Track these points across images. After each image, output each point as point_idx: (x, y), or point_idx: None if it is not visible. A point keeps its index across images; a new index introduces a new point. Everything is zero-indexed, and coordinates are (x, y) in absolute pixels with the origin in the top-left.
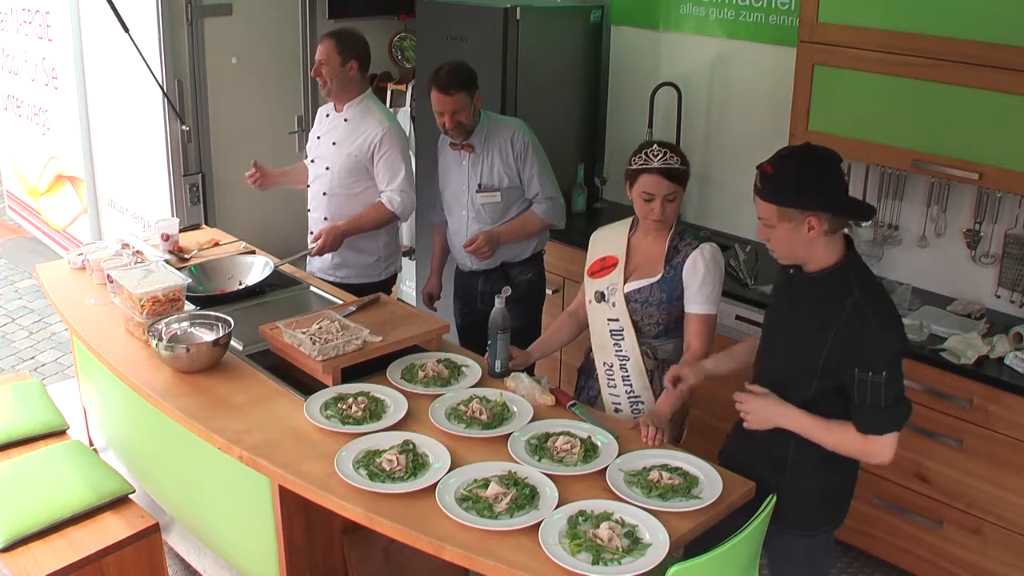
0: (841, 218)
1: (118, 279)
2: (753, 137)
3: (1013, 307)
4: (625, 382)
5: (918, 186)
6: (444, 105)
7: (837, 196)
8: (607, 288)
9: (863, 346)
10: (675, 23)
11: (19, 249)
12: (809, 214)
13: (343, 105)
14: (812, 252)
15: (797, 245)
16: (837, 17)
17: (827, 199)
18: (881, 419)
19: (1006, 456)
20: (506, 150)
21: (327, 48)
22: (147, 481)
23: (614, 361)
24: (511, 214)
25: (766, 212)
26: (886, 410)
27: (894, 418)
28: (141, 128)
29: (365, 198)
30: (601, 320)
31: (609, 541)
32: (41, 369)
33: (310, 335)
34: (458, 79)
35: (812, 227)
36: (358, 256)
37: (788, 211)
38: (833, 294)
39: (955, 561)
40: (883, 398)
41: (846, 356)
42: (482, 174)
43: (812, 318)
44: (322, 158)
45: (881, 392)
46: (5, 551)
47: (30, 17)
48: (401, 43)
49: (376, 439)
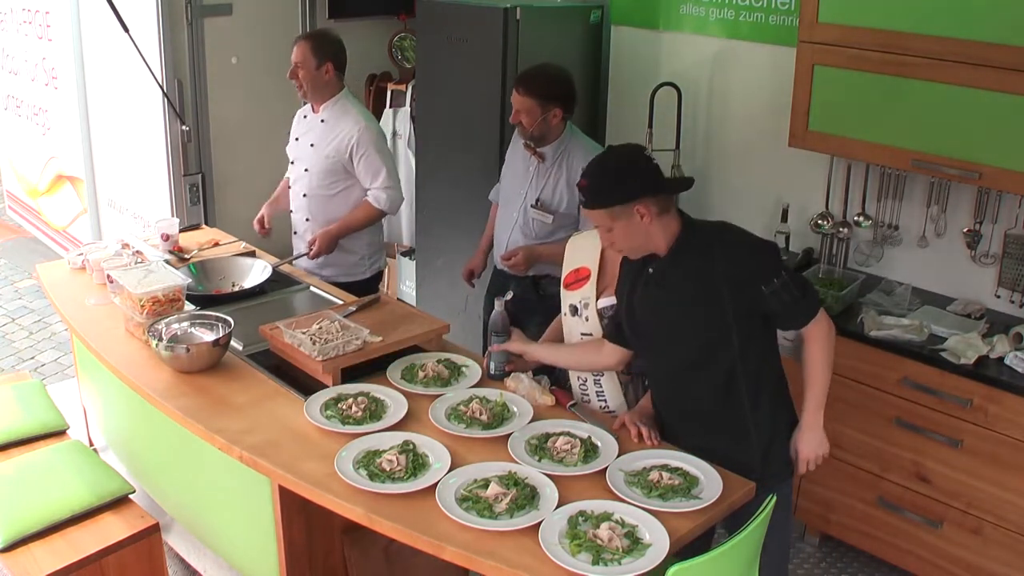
0: (664, 196)
1: (118, 279)
2: (753, 137)
3: (1013, 307)
4: (599, 397)
5: (918, 186)
6: (513, 99)
7: (650, 179)
8: (580, 302)
9: (752, 269)
10: (675, 23)
11: (19, 249)
12: (635, 204)
13: (319, 106)
14: (655, 236)
15: (638, 235)
16: (837, 17)
17: (641, 184)
18: (807, 306)
19: (1006, 456)
20: (576, 176)
21: (302, 51)
22: (147, 481)
23: (587, 376)
24: (556, 237)
25: (600, 220)
26: (804, 297)
27: (813, 297)
28: (141, 128)
29: (345, 198)
30: (576, 334)
31: (609, 541)
32: (41, 369)
33: (310, 335)
34: (534, 83)
35: (643, 214)
36: (342, 255)
37: (615, 209)
38: (696, 255)
39: (955, 561)
40: (796, 291)
41: (746, 284)
42: (543, 189)
43: (698, 282)
44: (300, 160)
45: (791, 288)
46: (5, 551)
47: (30, 17)
48: (401, 43)
49: (376, 439)
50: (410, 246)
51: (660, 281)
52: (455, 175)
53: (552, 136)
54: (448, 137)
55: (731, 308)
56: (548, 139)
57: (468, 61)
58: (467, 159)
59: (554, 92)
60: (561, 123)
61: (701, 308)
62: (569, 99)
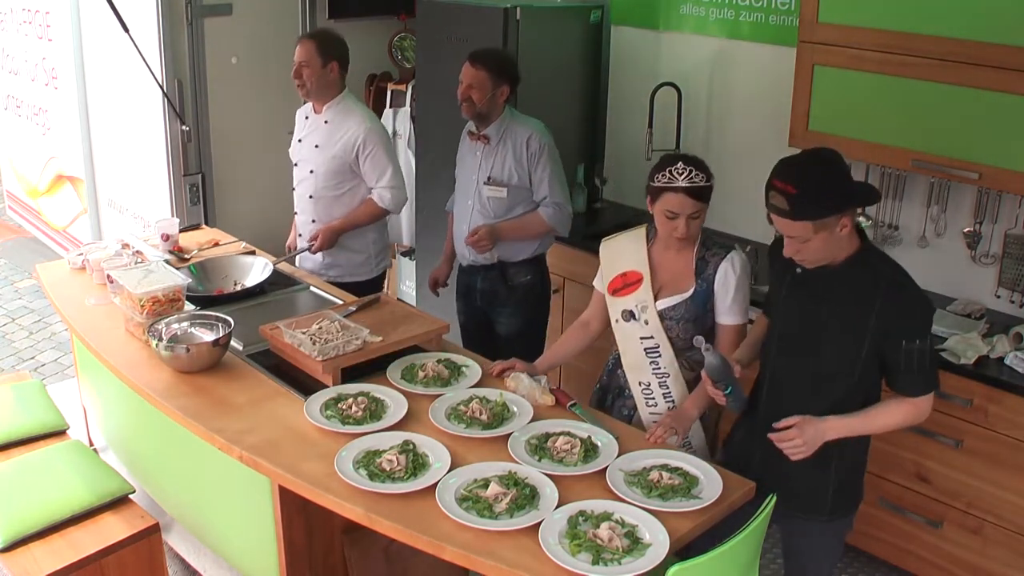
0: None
1: (118, 279)
2: (753, 137)
3: (1013, 307)
4: (667, 399)
5: (918, 186)
6: (464, 74)
7: (857, 188)
8: (636, 306)
9: (907, 318)
10: (675, 23)
11: (19, 249)
12: (843, 215)
13: (322, 106)
14: (843, 248)
15: (833, 247)
16: (837, 17)
17: (851, 195)
18: (926, 381)
19: (1006, 456)
20: (520, 149)
21: (308, 50)
22: (147, 481)
23: (651, 379)
24: (515, 213)
25: (799, 230)
26: (930, 370)
27: (934, 375)
28: (141, 128)
29: (351, 198)
30: (634, 339)
31: (609, 541)
32: (41, 369)
33: (310, 335)
34: (487, 58)
35: (845, 225)
36: (349, 255)
37: (825, 221)
38: (863, 279)
39: (955, 561)
40: (927, 361)
41: (892, 332)
42: (492, 167)
43: (847, 306)
44: (305, 161)
45: (926, 356)
46: (5, 551)
47: (30, 17)
48: (401, 43)
49: (376, 439)
50: (410, 246)
51: (812, 286)
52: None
53: (495, 115)
54: (448, 137)
55: (868, 343)
56: (492, 118)
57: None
58: None
59: (505, 69)
60: (504, 103)
61: (845, 327)
62: (516, 79)
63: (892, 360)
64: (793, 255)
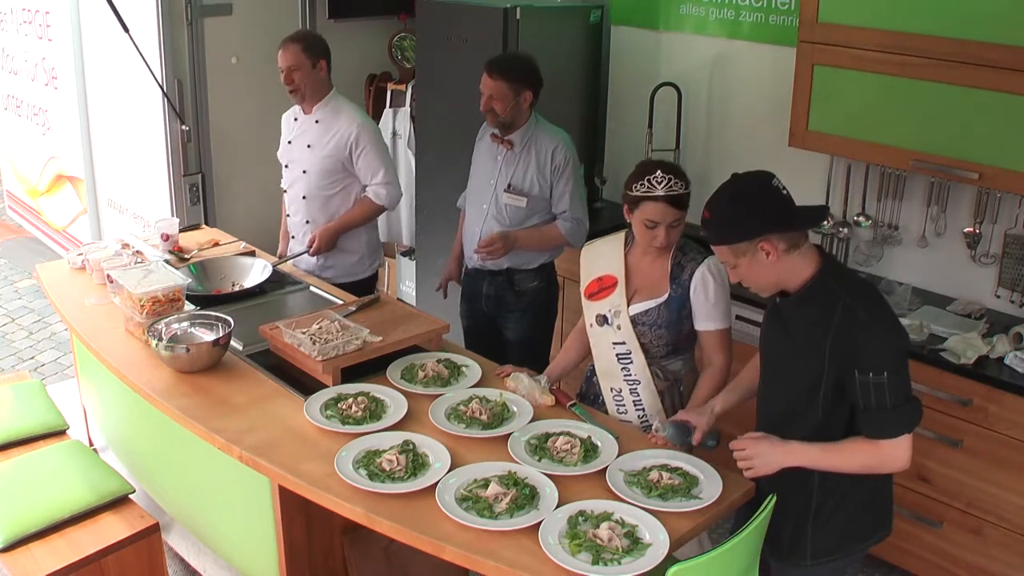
0: (792, 232)
1: (118, 279)
2: (753, 137)
3: (1013, 307)
4: (637, 406)
5: (918, 186)
6: (484, 85)
7: (776, 214)
8: (609, 311)
9: (857, 346)
10: (675, 23)
11: (19, 249)
12: (758, 240)
13: (312, 107)
14: (784, 274)
15: (764, 273)
16: (837, 17)
17: (764, 221)
18: (890, 422)
19: (1006, 456)
20: (545, 159)
21: (295, 53)
22: (147, 481)
23: (623, 386)
24: (531, 222)
25: (723, 255)
26: (894, 411)
27: (903, 418)
28: (141, 128)
29: (345, 197)
30: (606, 344)
31: (609, 541)
32: (41, 369)
33: (310, 335)
34: (506, 67)
35: (768, 251)
36: (343, 255)
37: (738, 247)
38: (818, 308)
39: (955, 561)
40: (888, 399)
41: (845, 361)
42: (513, 175)
43: (808, 337)
44: (296, 162)
45: (886, 393)
46: (5, 551)
47: (30, 17)
48: (401, 43)
49: (376, 439)
50: (410, 246)
51: (782, 314)
52: (455, 175)
53: (521, 121)
54: (448, 137)
55: (826, 378)
56: (517, 124)
57: (468, 61)
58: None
59: (525, 76)
60: (530, 108)
61: (801, 363)
62: (538, 83)
63: (851, 394)
64: (735, 280)
